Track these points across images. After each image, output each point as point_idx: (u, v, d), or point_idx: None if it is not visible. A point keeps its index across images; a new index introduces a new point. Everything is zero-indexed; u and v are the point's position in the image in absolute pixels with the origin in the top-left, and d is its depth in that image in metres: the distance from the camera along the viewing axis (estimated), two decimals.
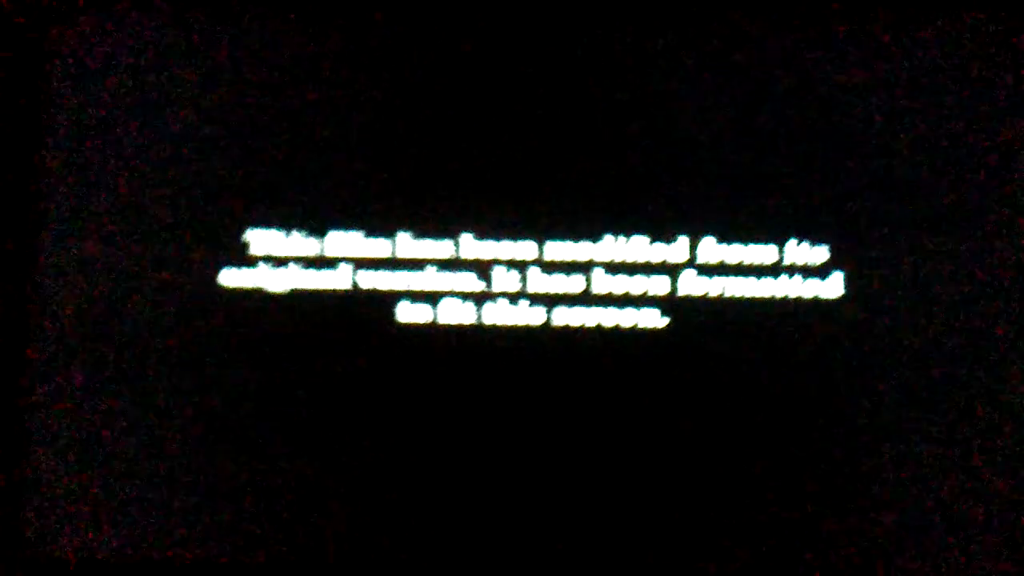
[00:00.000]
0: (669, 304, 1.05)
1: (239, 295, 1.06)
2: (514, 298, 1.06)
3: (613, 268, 1.06)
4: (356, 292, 1.06)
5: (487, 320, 1.06)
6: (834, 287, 1.05)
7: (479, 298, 1.06)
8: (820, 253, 1.05)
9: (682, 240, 1.06)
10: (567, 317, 1.06)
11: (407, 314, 1.06)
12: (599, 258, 1.06)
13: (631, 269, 1.06)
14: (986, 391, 1.04)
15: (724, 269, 1.05)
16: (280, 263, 1.07)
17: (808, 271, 1.05)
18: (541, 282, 1.06)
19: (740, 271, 1.05)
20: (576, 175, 1.06)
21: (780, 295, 1.05)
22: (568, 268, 1.06)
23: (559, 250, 1.06)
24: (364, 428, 1.05)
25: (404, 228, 1.07)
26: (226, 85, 1.07)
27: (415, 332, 1.06)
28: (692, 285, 1.05)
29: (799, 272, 1.05)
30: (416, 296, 1.06)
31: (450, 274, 1.06)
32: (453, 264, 1.06)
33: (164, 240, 1.06)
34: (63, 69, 1.07)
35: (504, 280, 1.06)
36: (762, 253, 1.05)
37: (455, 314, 1.06)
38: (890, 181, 1.05)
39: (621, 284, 1.06)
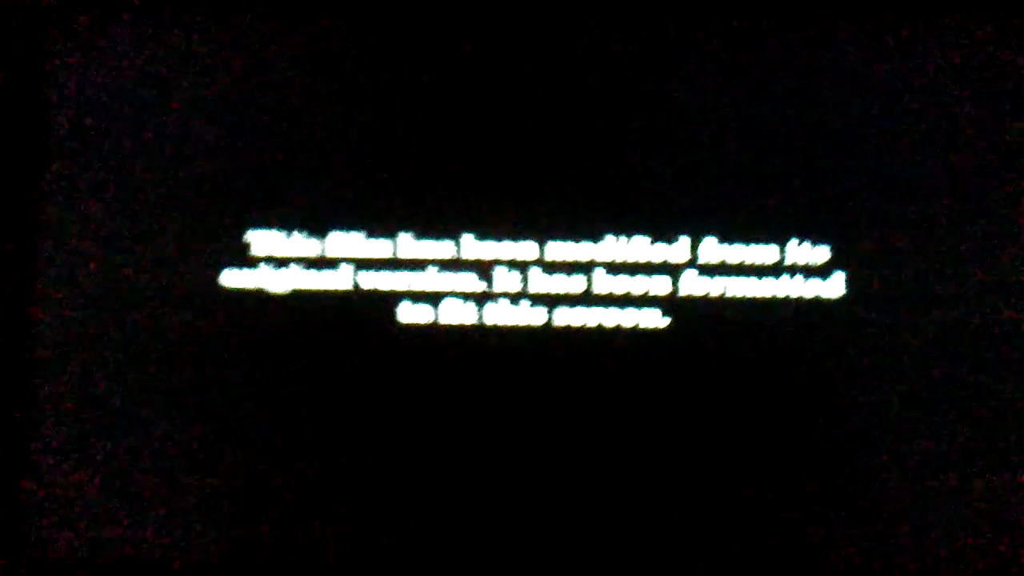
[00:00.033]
0: (670, 304, 1.05)
1: (240, 296, 1.06)
2: (515, 298, 1.06)
3: (614, 268, 1.06)
4: (357, 293, 1.06)
5: (488, 320, 1.06)
6: (835, 287, 1.05)
7: (480, 298, 1.06)
8: (821, 253, 1.05)
9: (683, 240, 1.06)
10: (568, 317, 1.06)
11: (408, 314, 1.06)
12: (600, 258, 1.06)
13: (632, 269, 1.06)
14: (986, 390, 1.04)
15: (725, 269, 1.05)
16: (281, 264, 1.07)
17: (809, 271, 1.05)
18: (542, 282, 1.06)
19: (741, 271, 1.05)
20: (577, 175, 1.06)
21: (781, 295, 1.05)
22: (569, 268, 1.06)
23: (560, 250, 1.06)
24: (365, 428, 1.05)
25: (405, 228, 1.06)
26: (226, 85, 1.07)
27: (416, 332, 1.06)
28: (693, 285, 1.05)
29: (800, 272, 1.05)
30: (417, 296, 1.06)
31: (451, 274, 1.06)
32: (454, 264, 1.06)
33: (165, 241, 1.06)
34: (63, 69, 1.07)
35: (505, 280, 1.06)
36: (763, 253, 1.05)
37: (456, 314, 1.06)
38: (891, 181, 1.05)
39: (622, 284, 1.06)
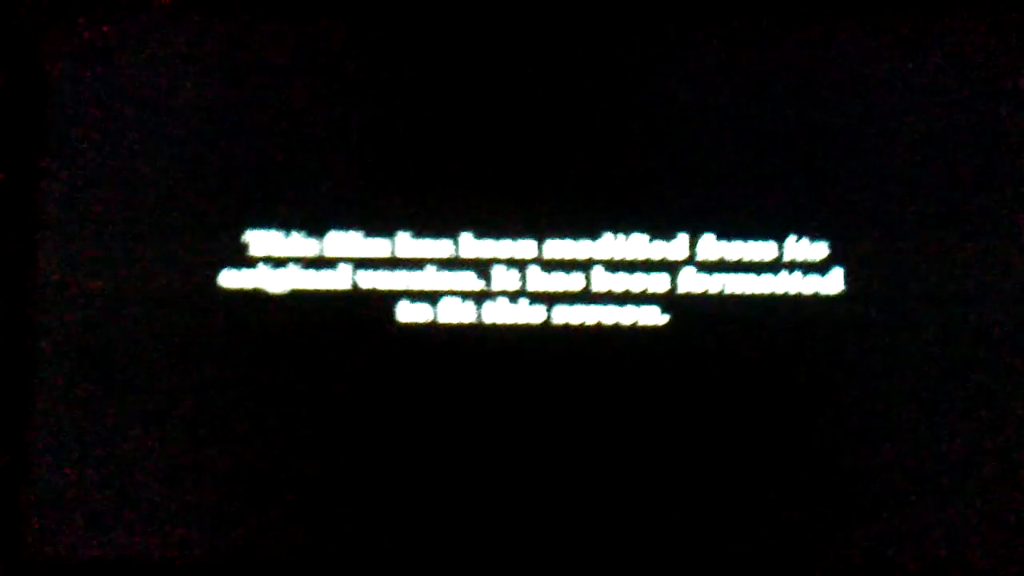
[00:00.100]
0: (669, 301, 1.05)
1: (239, 296, 1.06)
2: (514, 297, 1.06)
3: (613, 266, 1.06)
4: (356, 292, 1.06)
5: (487, 319, 1.06)
6: (834, 283, 1.05)
7: (479, 297, 1.06)
8: (819, 249, 1.05)
9: (682, 237, 1.06)
10: (567, 315, 1.06)
11: (407, 314, 1.06)
12: (599, 256, 1.06)
13: (631, 267, 1.06)
14: (986, 387, 1.04)
15: (724, 266, 1.05)
16: (280, 263, 1.07)
17: (808, 267, 1.05)
18: (541, 280, 1.06)
19: (740, 268, 1.05)
20: (575, 173, 1.06)
21: (780, 291, 1.05)
22: (568, 266, 1.06)
23: (558, 248, 1.06)
24: (365, 428, 1.05)
25: (403, 228, 1.07)
26: (225, 85, 1.07)
27: (415, 331, 1.06)
28: (692, 282, 1.05)
29: (799, 268, 1.05)
30: (416, 295, 1.06)
31: (450, 273, 1.06)
32: (453, 263, 1.06)
33: (163, 241, 1.06)
34: (62, 69, 1.07)
35: (504, 279, 1.06)
36: (762, 250, 1.05)
37: (455, 313, 1.06)
38: (889, 177, 1.05)
39: (621, 282, 1.06)
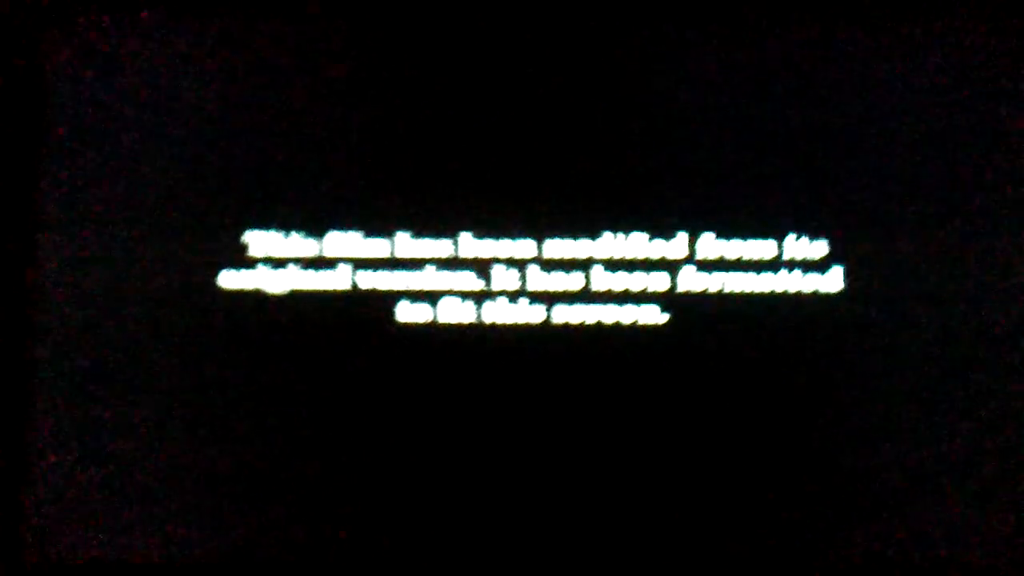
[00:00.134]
0: (669, 300, 1.05)
1: (239, 296, 1.06)
2: (513, 296, 1.06)
3: (612, 265, 1.06)
4: (355, 292, 1.06)
5: (487, 319, 1.06)
6: (834, 281, 1.05)
7: (479, 297, 1.06)
8: (819, 247, 1.05)
9: (681, 236, 1.06)
10: (567, 315, 1.06)
11: (407, 314, 1.06)
12: (598, 255, 1.06)
13: (630, 266, 1.06)
14: (985, 385, 1.03)
15: (723, 265, 1.05)
16: (279, 264, 1.07)
17: (807, 266, 1.05)
18: (540, 280, 1.06)
19: (739, 267, 1.05)
20: (574, 172, 1.06)
21: (780, 290, 1.05)
22: (567, 266, 1.06)
23: (558, 248, 1.06)
24: (365, 428, 1.05)
25: (403, 228, 1.06)
26: (224, 86, 1.07)
27: (415, 332, 1.06)
28: (692, 281, 1.05)
29: (798, 267, 1.05)
30: (416, 296, 1.06)
31: (449, 273, 1.06)
32: (452, 263, 1.06)
33: (163, 242, 1.06)
34: (62, 69, 1.07)
35: (503, 278, 1.06)
36: (761, 248, 1.05)
37: (455, 313, 1.06)
38: (889, 175, 1.05)
39: (620, 281, 1.06)
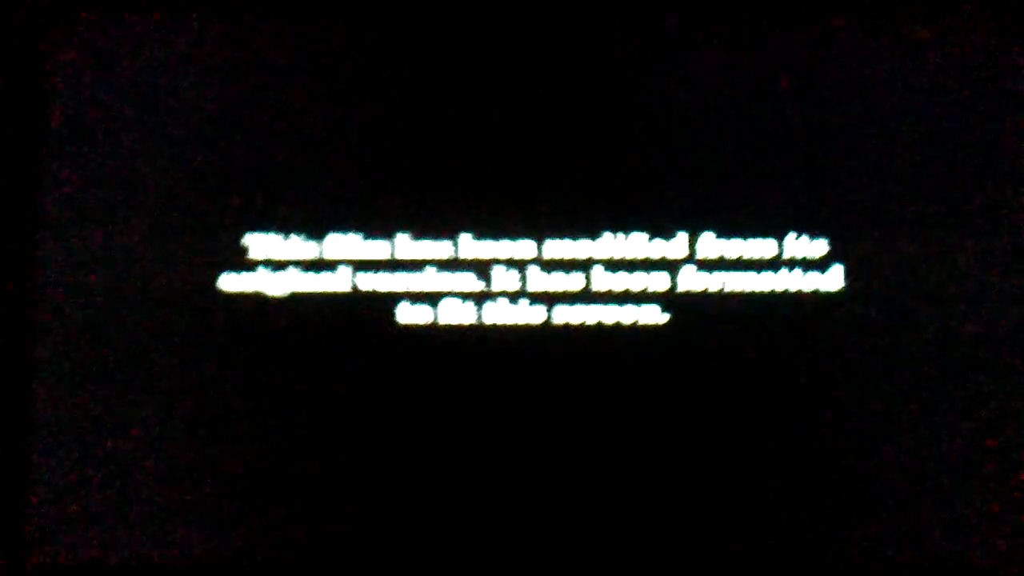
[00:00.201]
0: (669, 300, 1.05)
1: (239, 299, 1.06)
2: (514, 297, 1.06)
3: (613, 265, 1.06)
4: (356, 294, 1.06)
5: (487, 320, 1.06)
6: (834, 280, 1.05)
7: (479, 298, 1.06)
8: (819, 246, 1.05)
9: (681, 236, 1.06)
10: (567, 315, 1.06)
11: (407, 315, 1.06)
12: (598, 255, 1.06)
13: (630, 266, 1.06)
14: (985, 385, 1.03)
15: (724, 264, 1.05)
16: (279, 267, 1.07)
17: (808, 265, 1.05)
18: (541, 281, 1.06)
19: (740, 266, 1.05)
20: (574, 173, 1.06)
21: (780, 289, 1.05)
22: (567, 266, 1.06)
23: (558, 248, 1.06)
24: (366, 429, 1.05)
25: (403, 229, 1.07)
26: (224, 87, 1.07)
27: (416, 333, 1.06)
28: (692, 281, 1.05)
29: (799, 266, 1.05)
30: (416, 297, 1.06)
31: (450, 274, 1.06)
32: (452, 264, 1.06)
33: (163, 245, 1.06)
34: (63, 70, 1.07)
35: (504, 279, 1.06)
36: (761, 247, 1.05)
37: (455, 314, 1.06)
38: (889, 176, 1.05)
39: (621, 281, 1.06)
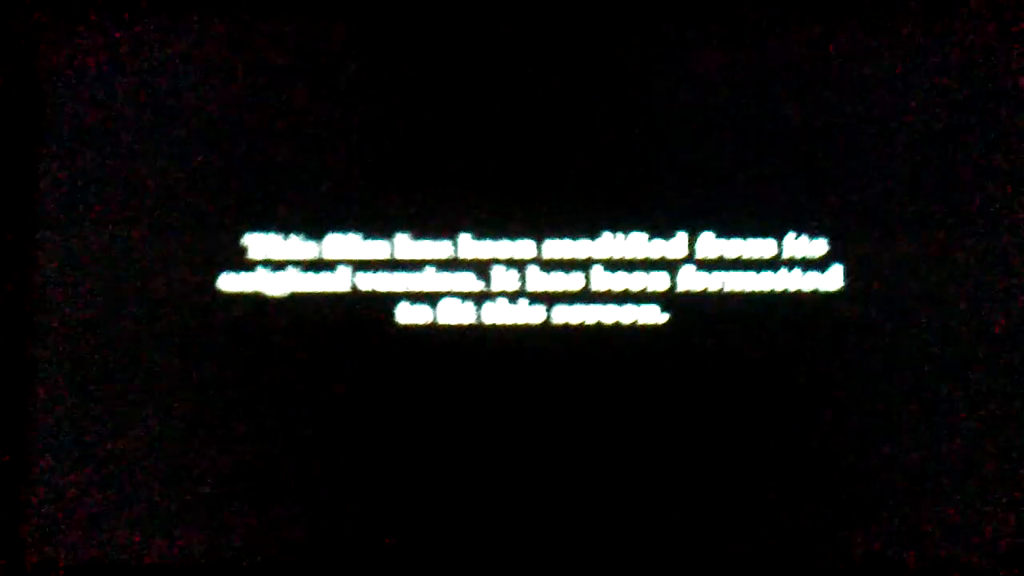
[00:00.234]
0: (669, 300, 1.05)
1: (238, 299, 1.06)
2: (513, 297, 1.06)
3: (612, 265, 1.06)
4: (355, 294, 1.06)
5: (487, 320, 1.06)
6: (833, 280, 1.05)
7: (478, 298, 1.06)
8: (819, 246, 1.05)
9: (681, 236, 1.06)
10: (567, 315, 1.06)
11: (407, 315, 1.06)
12: (598, 255, 1.06)
13: (630, 266, 1.06)
14: (985, 385, 1.03)
15: (723, 264, 1.05)
16: (279, 267, 1.06)
17: (807, 264, 1.05)
18: (540, 280, 1.06)
19: (739, 266, 1.05)
20: (574, 173, 1.06)
21: (779, 289, 1.05)
22: (567, 266, 1.06)
23: (558, 248, 1.06)
24: (365, 429, 1.05)
25: (402, 229, 1.06)
26: (224, 86, 1.07)
27: (415, 333, 1.06)
28: (691, 281, 1.05)
29: (798, 265, 1.05)
30: (415, 297, 1.06)
31: (449, 274, 1.06)
32: (452, 264, 1.06)
33: (162, 245, 1.06)
34: (62, 71, 1.07)
35: (503, 279, 1.06)
36: (761, 247, 1.05)
37: (455, 314, 1.06)
38: (889, 176, 1.05)
39: (620, 281, 1.06)
